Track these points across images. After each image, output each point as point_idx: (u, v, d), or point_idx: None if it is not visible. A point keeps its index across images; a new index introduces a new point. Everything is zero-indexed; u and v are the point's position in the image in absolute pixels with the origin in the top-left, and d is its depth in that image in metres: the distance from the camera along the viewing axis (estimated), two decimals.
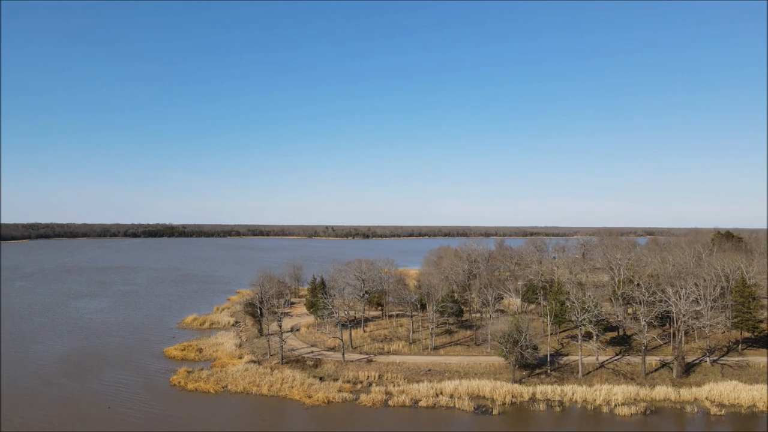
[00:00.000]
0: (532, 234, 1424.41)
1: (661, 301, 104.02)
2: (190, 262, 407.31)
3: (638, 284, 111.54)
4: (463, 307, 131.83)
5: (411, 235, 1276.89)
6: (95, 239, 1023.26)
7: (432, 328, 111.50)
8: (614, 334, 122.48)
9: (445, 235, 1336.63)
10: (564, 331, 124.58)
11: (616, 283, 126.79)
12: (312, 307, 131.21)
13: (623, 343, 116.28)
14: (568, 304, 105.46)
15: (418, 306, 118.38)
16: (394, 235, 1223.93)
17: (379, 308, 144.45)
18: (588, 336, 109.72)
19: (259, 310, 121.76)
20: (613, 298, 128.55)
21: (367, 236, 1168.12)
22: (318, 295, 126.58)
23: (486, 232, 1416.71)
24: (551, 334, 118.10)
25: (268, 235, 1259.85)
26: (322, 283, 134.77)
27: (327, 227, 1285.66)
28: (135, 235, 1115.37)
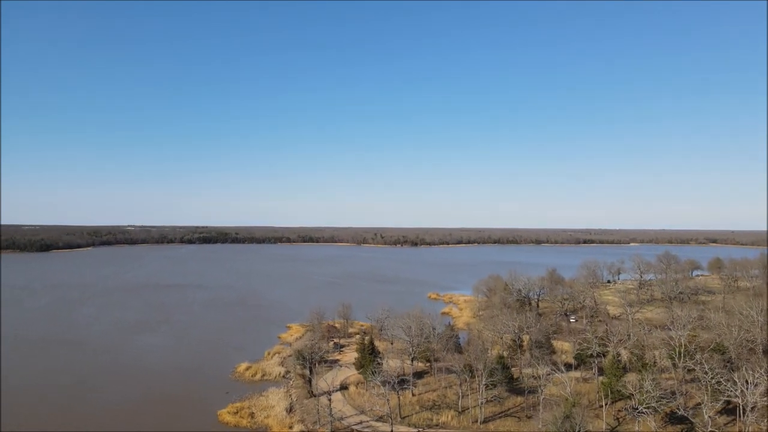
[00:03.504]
0: (585, 241, 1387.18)
1: (727, 380, 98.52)
2: (242, 279, 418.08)
3: (701, 362, 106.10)
4: (513, 369, 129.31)
5: (459, 242, 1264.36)
6: (153, 245, 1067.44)
7: (482, 402, 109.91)
8: (675, 407, 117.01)
9: (495, 242, 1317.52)
10: (620, 399, 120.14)
11: (676, 351, 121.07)
12: (361, 367, 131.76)
13: (685, 421, 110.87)
14: (626, 385, 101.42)
15: (467, 374, 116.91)
16: (442, 243, 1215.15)
17: (428, 363, 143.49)
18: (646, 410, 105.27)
19: (309, 369, 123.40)
20: (673, 366, 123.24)
21: (416, 244, 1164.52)
22: (366, 357, 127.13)
23: (537, 238, 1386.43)
24: (605, 404, 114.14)
25: (317, 241, 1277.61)
26: (371, 343, 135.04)
27: (376, 234, 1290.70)
28: (190, 242, 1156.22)
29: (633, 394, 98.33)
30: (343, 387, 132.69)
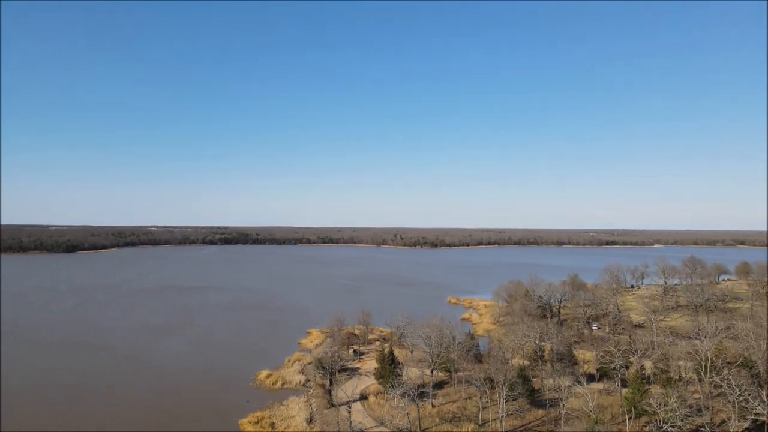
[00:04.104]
0: (607, 243, 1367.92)
1: (754, 398, 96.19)
2: (262, 281, 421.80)
3: (727, 378, 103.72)
4: (534, 379, 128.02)
5: (479, 244, 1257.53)
6: (176, 246, 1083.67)
7: (502, 416, 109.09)
8: (700, 423, 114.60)
9: (515, 243, 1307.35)
10: (644, 414, 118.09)
11: (702, 365, 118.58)
12: (381, 378, 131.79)
13: None
14: (651, 403, 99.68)
15: (487, 387, 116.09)
16: (462, 244, 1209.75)
17: (448, 373, 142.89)
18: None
19: (329, 380, 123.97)
20: (698, 381, 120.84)
21: (435, 245, 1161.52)
22: (386, 367, 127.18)
23: (558, 239, 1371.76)
24: (629, 420, 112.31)
25: (337, 242, 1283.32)
26: (391, 353, 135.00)
27: (395, 235, 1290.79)
28: (212, 243, 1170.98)
29: (657, 412, 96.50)
30: (363, 397, 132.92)
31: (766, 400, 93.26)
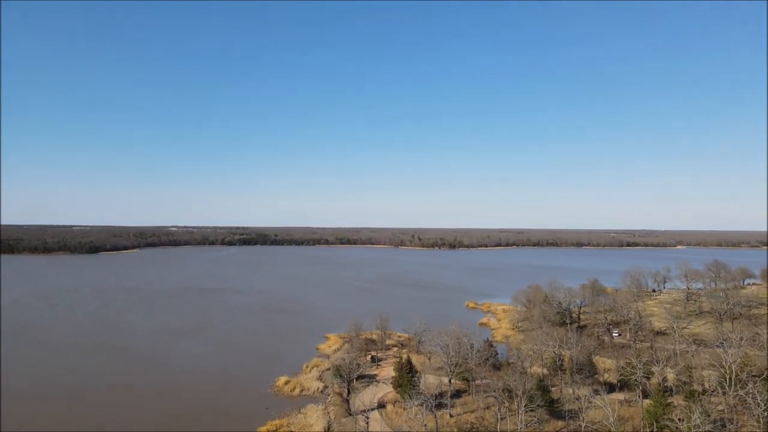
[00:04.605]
0: (628, 244, 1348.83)
1: None
2: (280, 283, 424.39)
3: (753, 393, 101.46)
4: (553, 388, 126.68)
5: (498, 245, 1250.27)
6: (196, 247, 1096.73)
7: (520, 428, 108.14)
8: None
9: (534, 245, 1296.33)
10: (666, 427, 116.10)
11: (726, 378, 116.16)
12: (399, 386, 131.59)
13: None
14: (673, 418, 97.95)
15: (505, 397, 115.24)
16: (481, 245, 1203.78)
17: (466, 382, 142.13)
18: None
19: (347, 389, 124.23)
20: (722, 393, 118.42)
21: (453, 246, 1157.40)
22: (404, 376, 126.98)
23: (578, 241, 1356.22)
24: (651, 431, 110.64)
25: (355, 243, 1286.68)
26: (409, 362, 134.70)
27: (413, 236, 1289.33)
28: (231, 243, 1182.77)
29: (680, 428, 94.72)
30: (381, 405, 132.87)
31: None
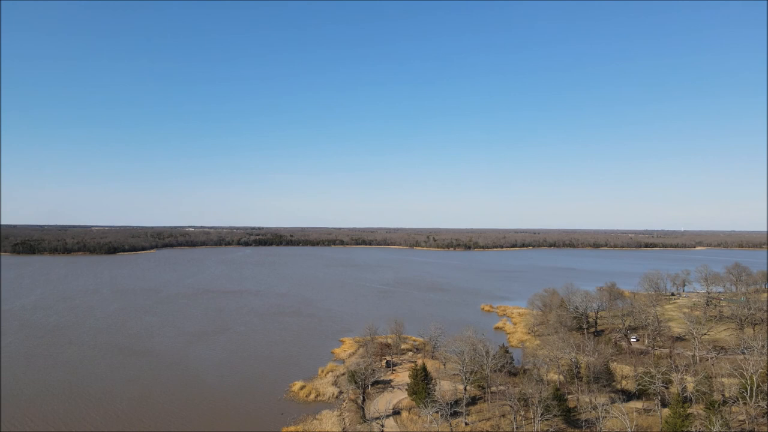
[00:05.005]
0: (646, 245, 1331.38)
1: None
2: (296, 286, 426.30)
3: None
4: (569, 396, 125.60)
5: (513, 246, 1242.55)
6: (212, 248, 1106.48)
7: None
8: None
9: (551, 245, 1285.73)
10: None
11: (747, 388, 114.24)
12: (414, 393, 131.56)
13: None
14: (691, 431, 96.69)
15: (521, 406, 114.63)
16: (496, 246, 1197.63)
17: (481, 389, 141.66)
18: None
19: (362, 396, 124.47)
20: (743, 404, 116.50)
21: (469, 247, 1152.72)
22: (419, 383, 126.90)
23: (595, 242, 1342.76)
24: None
25: (370, 244, 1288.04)
26: (424, 369, 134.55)
27: (428, 237, 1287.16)
28: (246, 244, 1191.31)
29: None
30: (396, 412, 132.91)
31: None
